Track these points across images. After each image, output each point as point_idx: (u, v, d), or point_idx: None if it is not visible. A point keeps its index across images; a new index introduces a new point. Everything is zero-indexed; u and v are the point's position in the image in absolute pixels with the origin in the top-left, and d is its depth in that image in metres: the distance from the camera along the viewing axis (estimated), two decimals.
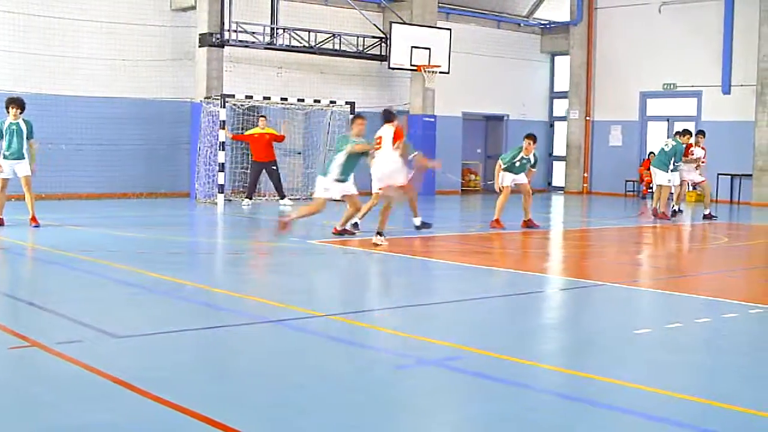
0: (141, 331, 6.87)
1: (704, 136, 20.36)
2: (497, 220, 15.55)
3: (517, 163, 15.80)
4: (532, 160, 16.03)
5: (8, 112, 13.88)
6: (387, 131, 13.77)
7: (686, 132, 19.26)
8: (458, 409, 5.22)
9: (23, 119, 13.93)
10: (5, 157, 13.88)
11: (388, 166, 13.40)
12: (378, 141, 13.81)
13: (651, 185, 26.81)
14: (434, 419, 4.99)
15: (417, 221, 14.73)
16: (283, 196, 20.52)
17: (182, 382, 5.51)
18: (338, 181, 13.27)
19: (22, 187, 14.10)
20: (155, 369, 5.78)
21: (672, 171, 18.49)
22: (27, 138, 13.92)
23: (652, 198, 20.05)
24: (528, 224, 15.80)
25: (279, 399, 5.16)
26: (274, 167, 20.36)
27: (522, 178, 15.91)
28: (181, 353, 6.31)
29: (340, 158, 13.20)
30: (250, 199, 20.30)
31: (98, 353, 6.11)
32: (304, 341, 6.75)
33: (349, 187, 13.54)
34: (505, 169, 15.79)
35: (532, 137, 15.97)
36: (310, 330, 7.08)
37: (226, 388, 5.36)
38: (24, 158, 13.92)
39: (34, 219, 13.94)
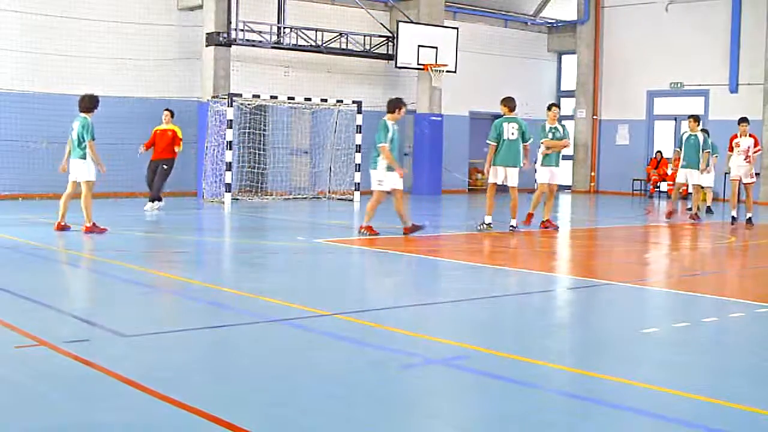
0: (148, 330, 6.88)
1: (747, 123, 18.09)
2: (548, 220, 15.76)
3: (550, 135, 15.92)
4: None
5: (92, 112, 13.68)
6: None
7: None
8: (466, 408, 5.22)
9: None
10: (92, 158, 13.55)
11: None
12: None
13: (658, 185, 26.84)
14: (441, 419, 4.99)
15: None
16: (153, 199, 18.08)
17: (189, 381, 5.52)
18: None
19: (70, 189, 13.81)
20: (163, 368, 5.79)
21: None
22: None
23: (664, 197, 19.65)
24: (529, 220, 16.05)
25: (286, 398, 5.16)
26: (166, 165, 18.32)
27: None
28: (189, 352, 6.32)
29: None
30: (153, 201, 18.16)
31: (105, 352, 6.12)
32: (311, 340, 6.75)
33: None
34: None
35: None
36: (317, 329, 7.09)
37: (233, 387, 5.37)
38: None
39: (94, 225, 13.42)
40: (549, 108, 16.05)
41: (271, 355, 6.33)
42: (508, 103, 15.05)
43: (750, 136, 17.84)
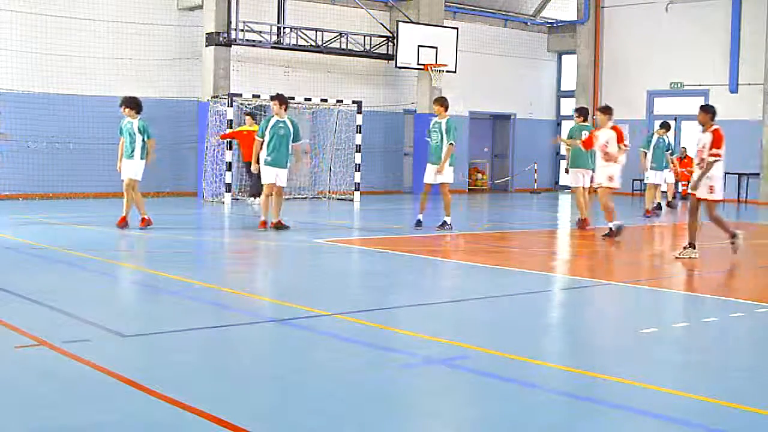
0: (148, 330, 6.88)
1: (607, 114, 14.65)
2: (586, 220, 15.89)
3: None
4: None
5: (125, 113, 13.89)
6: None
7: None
8: (465, 408, 5.22)
9: (138, 120, 13.88)
10: (123, 155, 13.92)
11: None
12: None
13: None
14: (441, 419, 4.99)
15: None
16: (255, 196, 19.78)
17: (189, 380, 5.52)
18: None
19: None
20: (162, 368, 5.79)
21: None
22: (144, 138, 13.85)
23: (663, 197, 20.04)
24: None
25: (285, 398, 5.16)
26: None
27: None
28: (188, 352, 6.32)
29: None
30: (256, 197, 20.22)
31: (105, 352, 6.12)
32: (311, 340, 6.75)
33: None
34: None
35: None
36: (317, 329, 7.09)
37: (233, 387, 5.37)
38: (132, 159, 13.83)
39: (122, 219, 13.78)
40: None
41: (271, 355, 6.33)
42: (446, 102, 15.09)
43: (612, 128, 14.39)
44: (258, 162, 14.32)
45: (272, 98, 14.46)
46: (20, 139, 19.90)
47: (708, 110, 11.92)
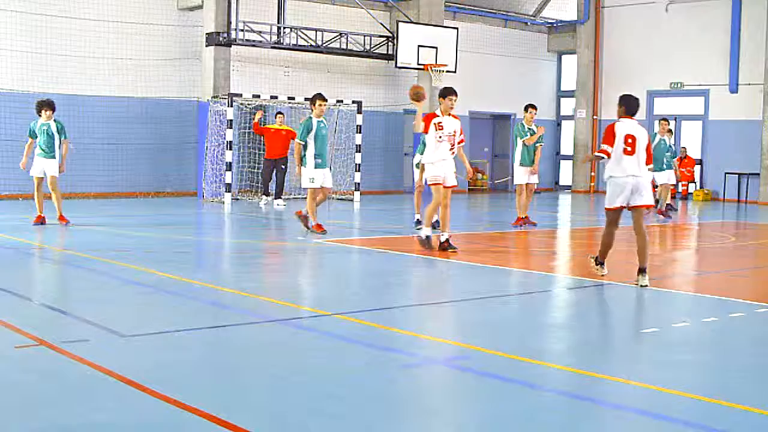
0: (148, 330, 6.88)
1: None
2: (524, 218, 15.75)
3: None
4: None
5: (41, 114, 14.39)
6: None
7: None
8: (465, 408, 5.22)
9: (54, 120, 14.46)
10: (38, 155, 14.46)
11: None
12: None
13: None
14: (441, 419, 4.99)
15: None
16: (278, 197, 20.13)
17: (189, 381, 5.51)
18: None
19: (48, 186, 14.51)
20: (162, 368, 5.79)
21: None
22: (60, 138, 14.45)
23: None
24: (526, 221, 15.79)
25: (285, 398, 5.16)
26: (284, 166, 20.10)
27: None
28: (188, 352, 6.31)
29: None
30: (267, 195, 20.28)
31: (105, 352, 6.12)
32: (311, 340, 6.75)
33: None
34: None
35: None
36: (317, 329, 7.08)
37: (233, 387, 5.37)
38: (54, 158, 14.41)
39: (62, 217, 14.36)
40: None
41: (270, 355, 6.33)
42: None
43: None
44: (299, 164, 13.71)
45: (320, 98, 13.69)
46: (20, 139, 19.87)
47: (620, 103, 10.62)
